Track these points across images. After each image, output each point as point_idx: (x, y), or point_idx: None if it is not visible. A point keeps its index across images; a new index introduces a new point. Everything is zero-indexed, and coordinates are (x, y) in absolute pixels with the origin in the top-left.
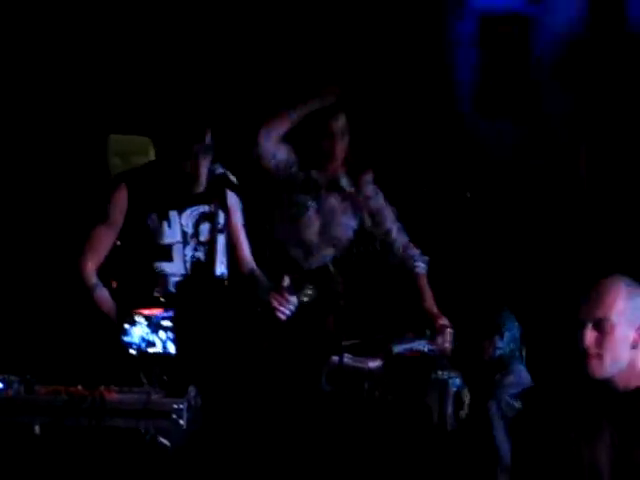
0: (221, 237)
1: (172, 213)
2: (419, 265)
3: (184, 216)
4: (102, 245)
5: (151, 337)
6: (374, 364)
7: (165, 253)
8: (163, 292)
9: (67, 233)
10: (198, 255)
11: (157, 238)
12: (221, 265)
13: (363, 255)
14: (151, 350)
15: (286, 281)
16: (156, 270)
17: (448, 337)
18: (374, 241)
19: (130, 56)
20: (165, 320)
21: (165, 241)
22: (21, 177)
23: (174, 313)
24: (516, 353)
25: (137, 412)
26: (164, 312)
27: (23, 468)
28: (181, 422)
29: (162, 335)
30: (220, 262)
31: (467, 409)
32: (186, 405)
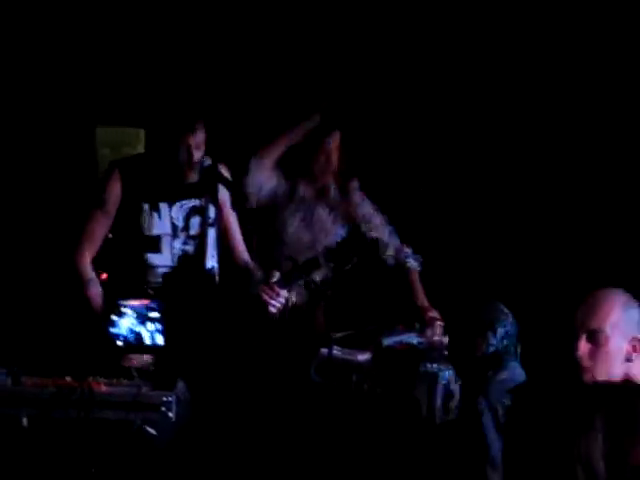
0: (212, 231)
1: (163, 205)
2: (410, 261)
3: (175, 209)
4: (98, 234)
5: (138, 328)
6: (363, 357)
7: (153, 244)
8: (151, 284)
9: (55, 225)
10: (187, 249)
11: (147, 229)
12: (212, 259)
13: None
14: (138, 342)
15: (275, 275)
16: (144, 261)
17: (438, 330)
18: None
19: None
20: (153, 312)
21: (154, 232)
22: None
23: (162, 305)
24: (511, 349)
25: (126, 404)
26: (151, 303)
27: (10, 460)
28: (170, 415)
29: (150, 327)
30: (211, 255)
31: (457, 402)
32: (175, 398)
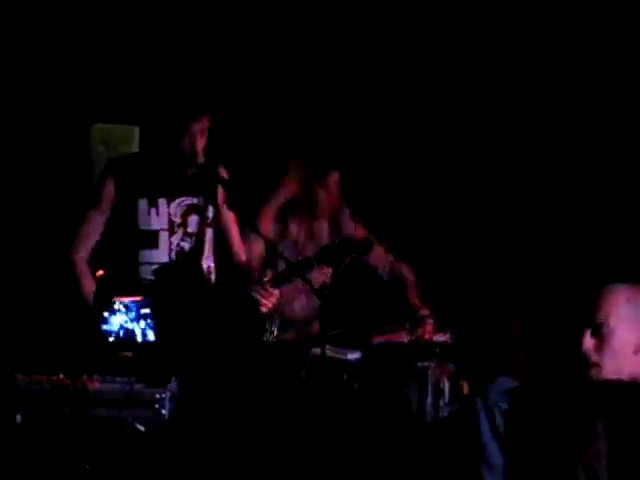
0: (209, 230)
1: (161, 200)
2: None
3: (173, 205)
4: (93, 232)
5: (131, 325)
6: (353, 355)
7: (151, 239)
8: (146, 280)
9: (50, 223)
10: (184, 245)
11: (144, 224)
12: (208, 258)
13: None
14: (130, 338)
15: (268, 275)
16: (141, 257)
17: (428, 328)
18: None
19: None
20: (145, 308)
21: (152, 227)
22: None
23: (155, 301)
24: None
25: (119, 401)
26: (145, 300)
27: (4, 457)
28: (163, 412)
29: (142, 323)
30: (207, 255)
31: (447, 399)
32: (168, 395)
